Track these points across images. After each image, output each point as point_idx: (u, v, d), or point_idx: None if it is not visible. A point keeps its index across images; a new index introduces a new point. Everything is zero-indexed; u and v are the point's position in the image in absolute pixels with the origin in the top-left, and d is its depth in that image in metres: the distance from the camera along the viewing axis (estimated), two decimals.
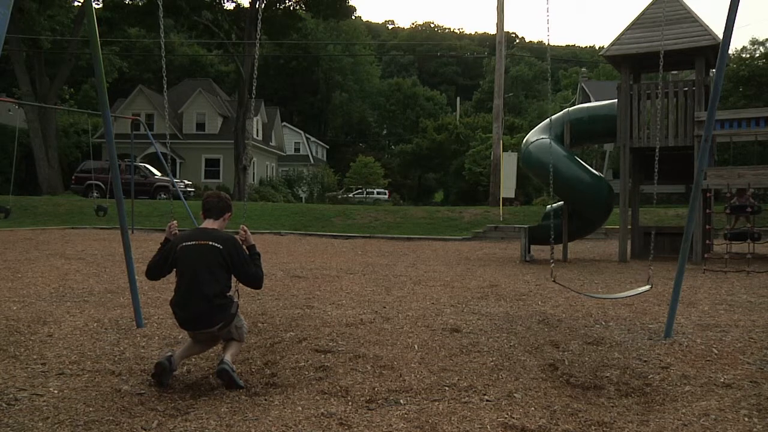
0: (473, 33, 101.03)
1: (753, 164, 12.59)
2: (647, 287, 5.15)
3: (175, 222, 4.02)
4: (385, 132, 70.41)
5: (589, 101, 27.05)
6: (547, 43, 5.91)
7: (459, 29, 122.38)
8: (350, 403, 3.35)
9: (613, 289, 7.35)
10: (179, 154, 37.73)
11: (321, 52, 59.97)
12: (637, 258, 11.22)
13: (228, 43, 34.25)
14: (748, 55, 34.66)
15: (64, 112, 34.67)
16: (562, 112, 12.22)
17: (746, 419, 3.12)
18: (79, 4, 32.06)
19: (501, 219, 18.26)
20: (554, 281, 5.34)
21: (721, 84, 4.59)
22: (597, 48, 75.42)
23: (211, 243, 3.64)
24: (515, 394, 3.50)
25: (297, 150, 52.49)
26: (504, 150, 22.46)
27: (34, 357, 4.20)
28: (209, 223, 3.81)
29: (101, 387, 3.61)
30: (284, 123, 51.47)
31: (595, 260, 11.23)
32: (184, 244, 3.69)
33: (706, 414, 3.18)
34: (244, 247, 3.85)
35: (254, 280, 3.76)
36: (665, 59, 7.12)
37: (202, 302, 3.58)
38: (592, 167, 11.92)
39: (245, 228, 3.92)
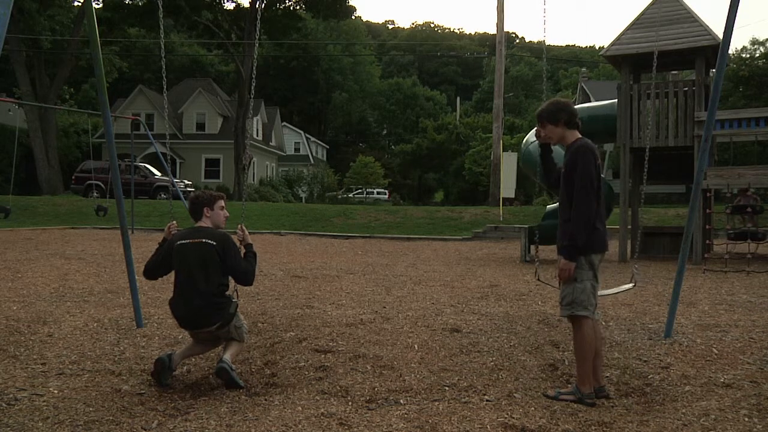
0: (473, 33, 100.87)
1: (753, 164, 12.59)
2: (631, 285, 5.01)
3: (174, 223, 4.07)
4: (385, 132, 70.34)
5: (589, 101, 27.03)
6: (543, 40, 5.91)
7: (459, 29, 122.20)
8: (350, 403, 3.35)
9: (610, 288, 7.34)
10: (179, 154, 37.72)
11: (321, 52, 59.94)
12: (637, 258, 11.20)
13: (228, 43, 34.24)
14: (748, 55, 34.65)
15: (64, 112, 34.65)
16: None
17: (746, 419, 3.12)
18: (79, 4, 32.05)
19: (501, 219, 18.25)
20: (539, 280, 5.28)
21: (721, 84, 4.59)
22: (597, 48, 75.37)
23: (204, 240, 3.68)
24: (515, 394, 3.50)
25: (297, 150, 52.44)
26: (504, 150, 22.45)
27: (34, 357, 4.20)
28: (201, 223, 3.86)
29: (101, 387, 3.61)
30: (284, 123, 51.43)
31: None
32: (179, 242, 3.73)
33: (706, 414, 3.18)
34: (242, 245, 3.90)
35: (244, 276, 3.77)
36: (666, 59, 7.12)
37: (199, 300, 3.60)
38: None
39: (243, 227, 3.96)
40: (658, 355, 4.29)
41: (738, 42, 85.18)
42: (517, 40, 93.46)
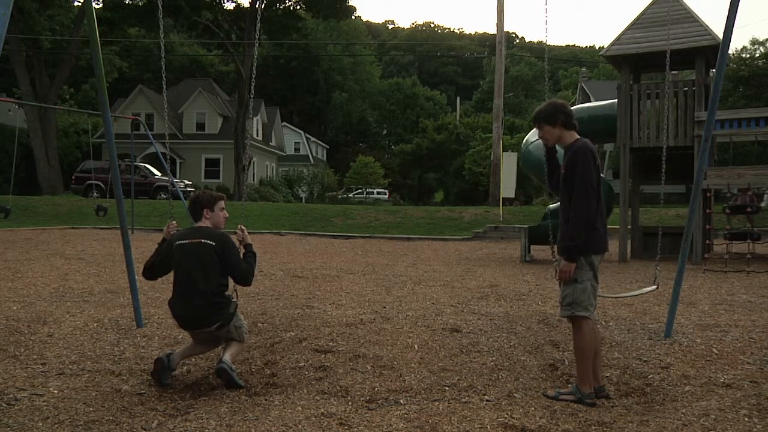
0: (473, 33, 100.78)
1: (753, 164, 12.59)
2: (654, 287, 5.12)
3: (174, 222, 4.06)
4: (385, 132, 70.34)
5: (589, 101, 27.03)
6: (545, 39, 5.91)
7: (459, 29, 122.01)
8: (350, 403, 3.35)
9: (613, 289, 7.35)
10: (179, 154, 37.72)
11: (321, 52, 59.93)
12: (637, 258, 11.21)
13: (228, 43, 34.25)
14: (748, 55, 34.63)
15: (64, 112, 34.65)
16: None
17: (746, 419, 3.12)
18: (79, 4, 32.04)
19: (501, 219, 18.26)
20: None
21: (721, 84, 4.59)
22: (597, 48, 75.33)
23: (203, 240, 3.68)
24: (515, 394, 3.50)
25: (297, 150, 52.45)
26: (504, 150, 22.46)
27: (34, 357, 4.20)
28: (200, 223, 3.86)
29: (101, 387, 3.61)
30: (284, 123, 51.42)
31: None
32: (178, 242, 3.74)
33: (706, 414, 3.18)
34: (242, 245, 3.90)
35: (243, 276, 3.78)
36: (665, 59, 7.11)
37: (199, 300, 3.60)
38: None
39: (243, 228, 3.97)
40: (658, 355, 4.29)
41: (738, 42, 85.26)
42: (517, 40, 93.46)
